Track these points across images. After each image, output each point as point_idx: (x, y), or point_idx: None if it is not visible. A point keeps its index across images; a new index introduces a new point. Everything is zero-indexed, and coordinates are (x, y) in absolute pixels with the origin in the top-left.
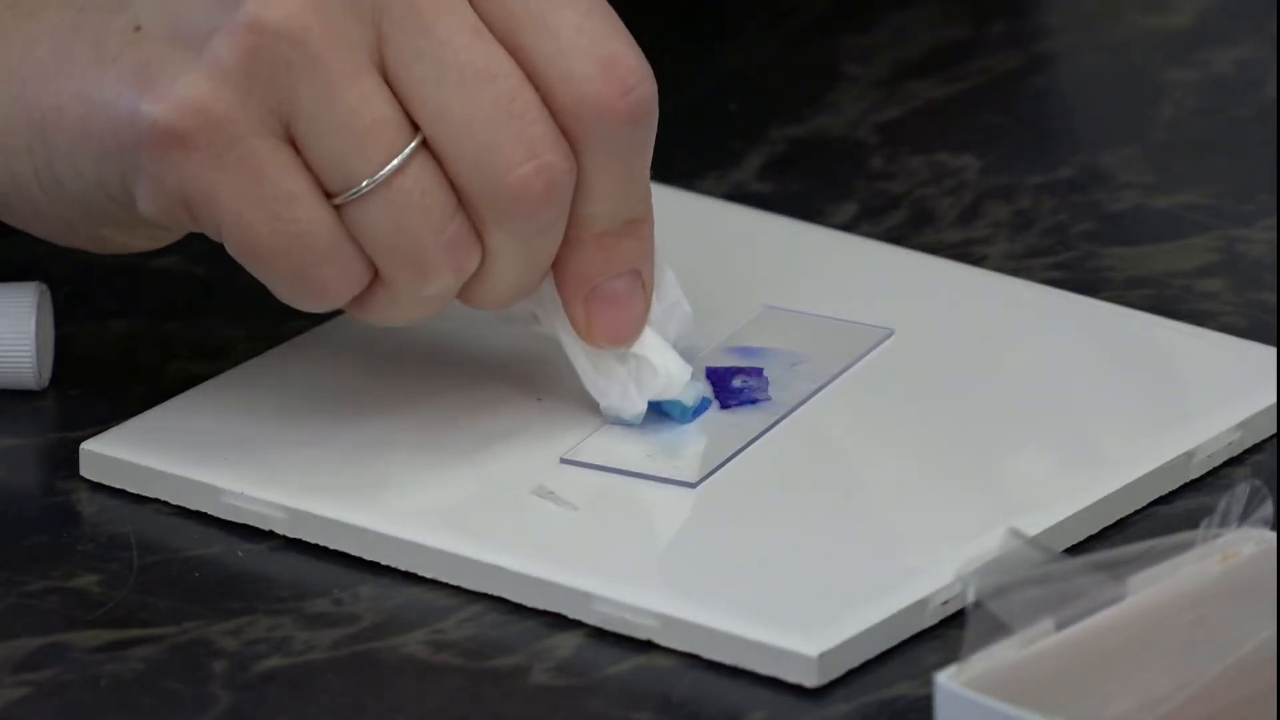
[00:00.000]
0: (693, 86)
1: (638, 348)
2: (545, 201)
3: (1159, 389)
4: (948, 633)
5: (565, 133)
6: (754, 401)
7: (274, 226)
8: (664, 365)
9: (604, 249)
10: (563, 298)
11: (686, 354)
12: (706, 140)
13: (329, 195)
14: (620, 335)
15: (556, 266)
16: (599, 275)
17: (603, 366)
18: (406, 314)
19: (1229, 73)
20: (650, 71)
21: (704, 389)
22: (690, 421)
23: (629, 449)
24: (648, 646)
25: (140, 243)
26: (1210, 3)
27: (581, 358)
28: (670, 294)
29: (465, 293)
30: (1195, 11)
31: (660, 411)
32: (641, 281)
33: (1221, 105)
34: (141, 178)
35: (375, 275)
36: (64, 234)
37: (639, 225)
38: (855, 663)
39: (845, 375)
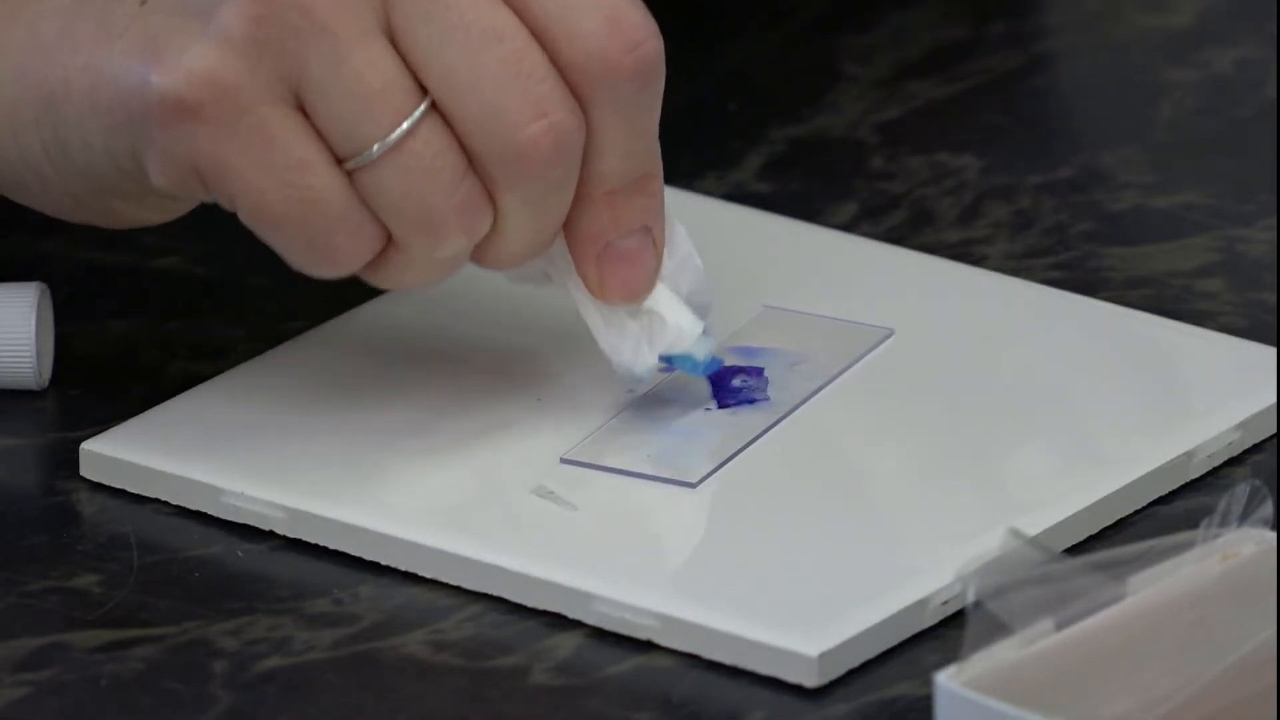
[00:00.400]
0: (693, 86)
1: (649, 303)
2: (555, 160)
3: (1159, 389)
4: (948, 633)
5: (573, 90)
6: (752, 401)
7: (286, 194)
8: (675, 320)
9: (614, 207)
10: (574, 256)
11: (700, 308)
12: (706, 140)
13: (340, 161)
14: (633, 291)
15: (568, 225)
16: (610, 233)
17: (615, 323)
18: (420, 278)
19: (1229, 73)
20: (656, 28)
21: (715, 343)
22: (702, 375)
23: (630, 449)
24: (648, 646)
25: (151, 215)
26: (1210, 3)
27: (594, 315)
28: (681, 248)
29: (477, 253)
30: (1195, 11)
31: (672, 366)
32: (653, 238)
33: (1221, 105)
34: (152, 150)
35: (389, 240)
36: (74, 209)
37: (649, 182)
38: (855, 663)
39: (845, 375)
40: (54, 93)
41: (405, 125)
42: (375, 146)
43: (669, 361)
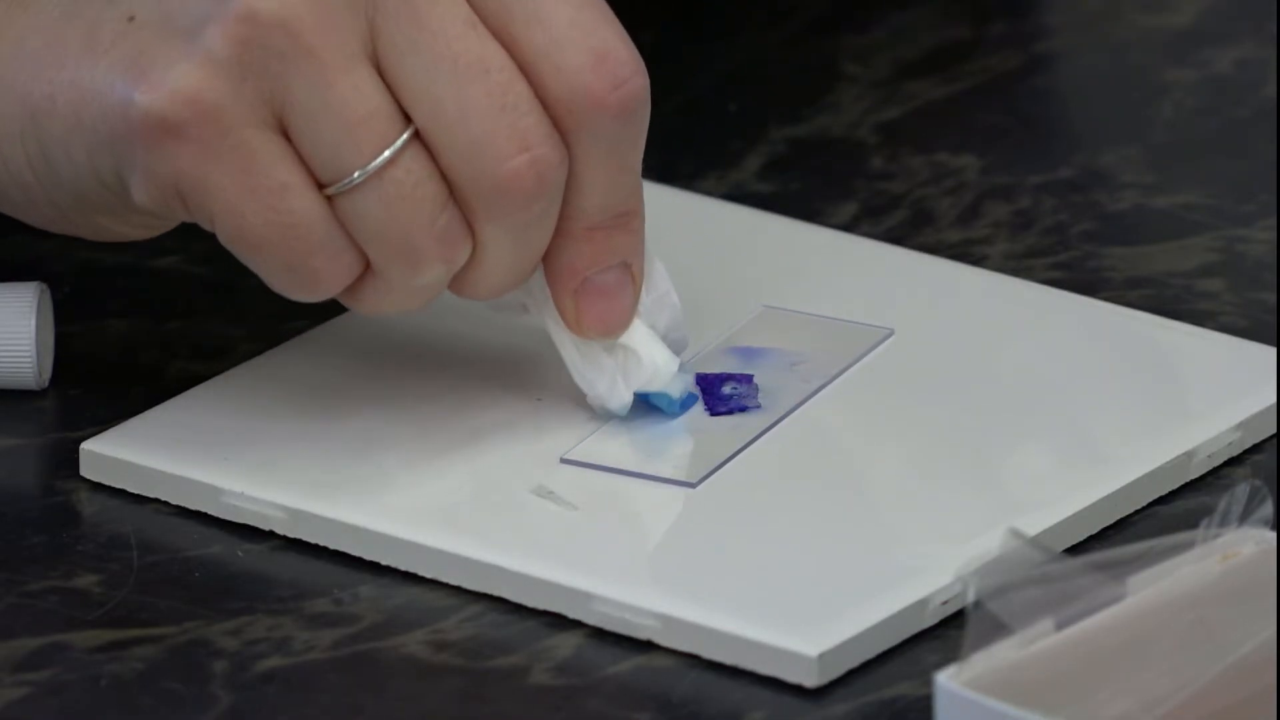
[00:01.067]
0: (693, 86)
1: (626, 339)
2: (536, 194)
3: (1159, 389)
4: (948, 633)
5: (557, 125)
6: (743, 409)
7: (266, 217)
8: (650, 357)
9: (594, 241)
10: (552, 289)
11: (676, 344)
12: (706, 140)
13: (321, 186)
14: (609, 327)
15: (547, 258)
16: (589, 267)
17: (590, 357)
18: (398, 304)
19: (1229, 73)
20: (642, 65)
21: (691, 381)
22: (678, 414)
23: (630, 449)
24: (648, 646)
25: (135, 231)
26: (1210, 3)
27: (570, 348)
28: (660, 285)
29: (456, 283)
30: (1195, 11)
31: (648, 403)
32: (631, 274)
33: (1221, 105)
34: (135, 168)
35: (367, 266)
36: (58, 221)
37: (630, 218)
38: (855, 663)
39: (845, 375)
40: (38, 107)
41: (387, 153)
42: (357, 173)
43: (645, 398)
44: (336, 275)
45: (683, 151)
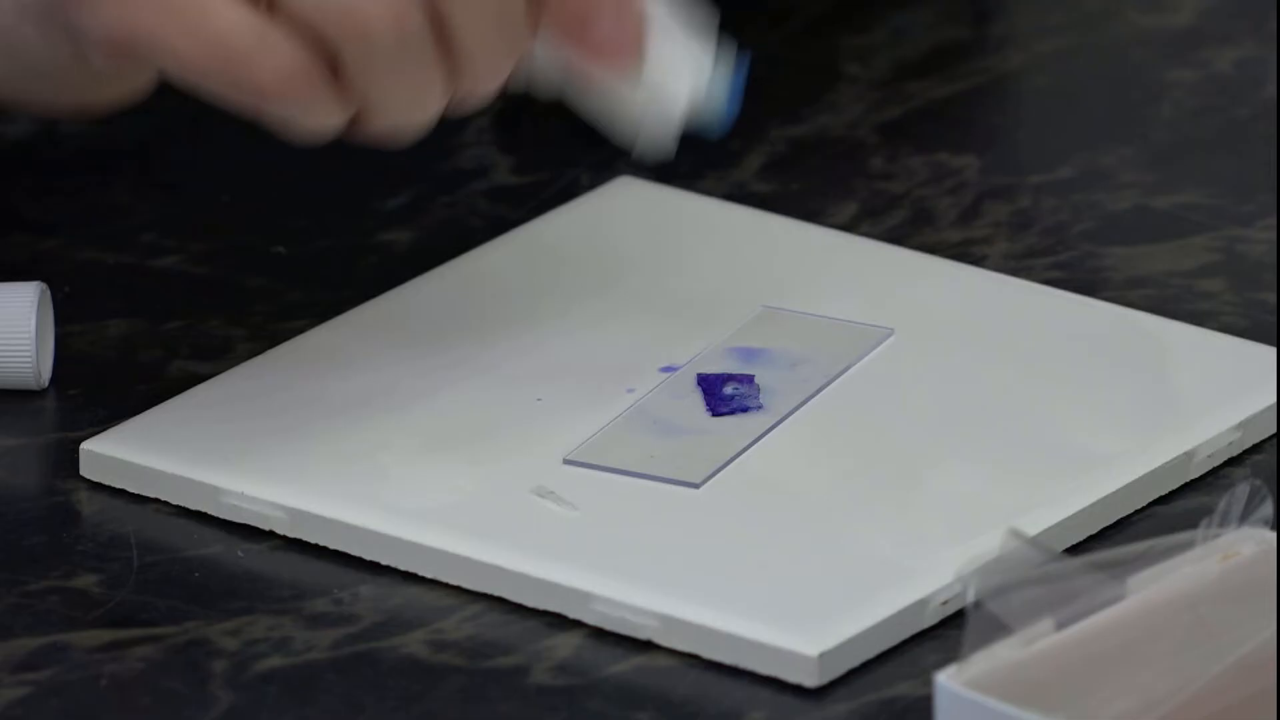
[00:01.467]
0: None
1: (650, 65)
2: None
3: (1159, 389)
4: (948, 633)
5: None
6: (745, 409)
7: (195, 41)
8: (682, 55)
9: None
10: (566, 48)
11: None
12: (706, 140)
13: None
14: (627, 42)
15: (548, 22)
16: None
17: (623, 99)
18: (397, 96)
19: (1229, 73)
20: None
21: (730, 79)
22: (732, 110)
23: (632, 449)
24: (648, 646)
25: (121, 94)
26: (1210, 3)
27: (606, 102)
28: None
29: (454, 93)
30: (1195, 11)
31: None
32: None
33: (1221, 105)
34: (80, 34)
35: (328, 77)
36: (45, 102)
37: None
38: (855, 663)
39: (845, 375)
40: None
41: None
42: None
43: (698, 120)
44: (290, 82)
45: (683, 151)
